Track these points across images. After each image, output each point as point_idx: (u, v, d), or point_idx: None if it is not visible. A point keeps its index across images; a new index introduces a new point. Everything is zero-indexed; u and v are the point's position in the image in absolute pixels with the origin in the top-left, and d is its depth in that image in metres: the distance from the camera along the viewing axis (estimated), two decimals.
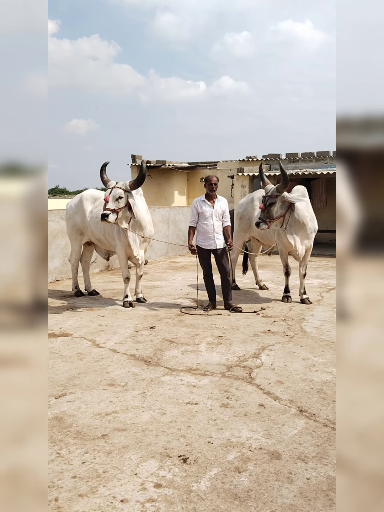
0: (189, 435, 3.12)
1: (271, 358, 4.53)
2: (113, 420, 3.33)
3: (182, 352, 4.74)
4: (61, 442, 3.02)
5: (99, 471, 2.71)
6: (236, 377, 4.09)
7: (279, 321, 5.88)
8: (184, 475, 2.67)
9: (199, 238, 6.45)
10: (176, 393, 3.77)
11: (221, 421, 3.31)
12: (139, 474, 2.68)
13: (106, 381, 3.99)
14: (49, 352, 4.72)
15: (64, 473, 2.68)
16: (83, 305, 6.77)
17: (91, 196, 7.21)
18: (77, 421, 3.30)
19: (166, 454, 2.88)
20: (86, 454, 2.89)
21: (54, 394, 3.74)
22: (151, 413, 3.43)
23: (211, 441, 3.04)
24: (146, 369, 4.26)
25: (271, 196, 6.31)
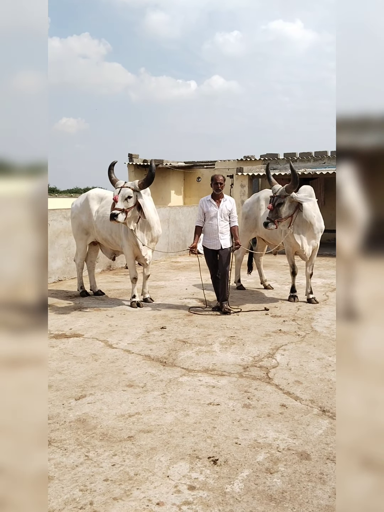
0: (215, 436, 3.11)
1: (286, 358, 4.53)
2: (137, 421, 3.31)
3: (197, 352, 4.72)
4: (88, 445, 3.00)
5: (131, 474, 2.69)
6: (254, 377, 4.09)
7: (288, 321, 5.88)
8: (216, 477, 2.66)
9: (205, 238, 6.41)
10: (197, 393, 3.76)
11: (245, 421, 3.30)
12: (171, 476, 2.66)
13: (125, 382, 3.97)
14: (63, 353, 4.69)
15: (95, 476, 2.66)
16: (90, 305, 6.73)
17: (97, 195, 7.16)
18: (101, 423, 3.28)
19: (195, 456, 2.87)
20: (115, 456, 2.87)
21: (74, 396, 3.71)
22: (174, 414, 3.41)
23: (238, 442, 3.03)
24: (163, 370, 4.25)
25: (280, 196, 6.28)
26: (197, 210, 6.50)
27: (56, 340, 5.09)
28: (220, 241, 6.26)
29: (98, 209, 6.99)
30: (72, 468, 2.74)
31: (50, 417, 3.36)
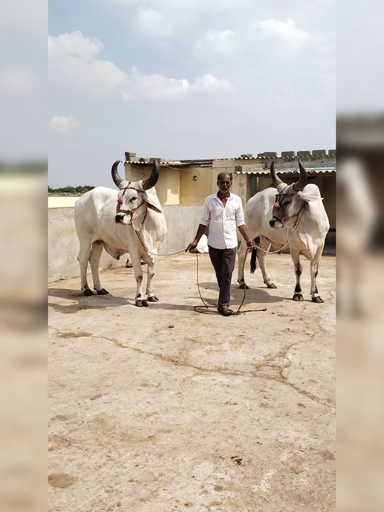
0: (236, 435, 3.09)
1: (298, 357, 4.52)
2: (156, 421, 3.28)
3: (207, 351, 4.70)
4: (109, 445, 2.97)
5: (155, 474, 2.66)
6: (267, 376, 4.07)
7: (296, 320, 5.88)
8: (242, 477, 2.64)
9: (210, 238, 6.32)
10: (212, 393, 3.74)
11: (264, 421, 3.29)
12: (197, 477, 2.64)
13: (139, 382, 3.94)
14: (73, 352, 4.65)
15: (119, 477, 2.63)
16: (95, 304, 6.69)
17: (102, 194, 7.12)
18: (120, 423, 3.25)
19: (218, 456, 2.85)
20: (137, 456, 2.84)
21: (89, 395, 3.68)
22: (192, 413, 3.39)
23: (259, 441, 3.02)
24: (176, 369, 4.22)
25: (287, 195, 6.25)
26: (202, 208, 6.46)
27: (65, 339, 5.05)
28: (225, 241, 6.14)
29: (102, 208, 6.94)
30: (96, 469, 2.70)
31: (67, 417, 3.32)
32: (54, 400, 3.59)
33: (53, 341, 4.98)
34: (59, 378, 4.00)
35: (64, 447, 2.93)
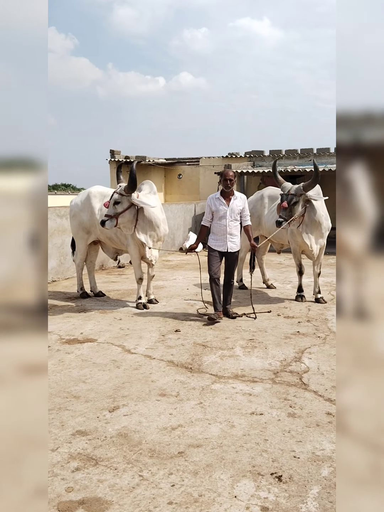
0: (270, 449, 2.94)
1: (315, 362, 4.40)
2: (183, 435, 3.11)
3: (220, 357, 4.55)
4: (138, 463, 2.79)
5: (194, 495, 2.50)
6: (288, 383, 3.94)
7: (303, 322, 5.76)
8: (286, 496, 2.50)
9: (211, 238, 5.93)
10: (235, 402, 3.58)
11: (296, 432, 3.15)
12: (239, 497, 2.48)
13: (156, 391, 3.76)
14: (81, 360, 4.44)
15: (157, 499, 2.46)
16: (93, 307, 6.46)
17: (100, 193, 6.88)
18: (145, 438, 3.07)
19: (257, 472, 2.70)
20: (171, 475, 2.67)
21: (107, 407, 3.48)
22: (219, 426, 3.23)
23: (296, 455, 2.88)
24: (192, 377, 4.05)
25: (295, 195, 6.11)
26: (205, 208, 6.24)
27: (70, 346, 4.83)
28: (227, 243, 5.81)
29: (101, 207, 6.71)
30: (130, 491, 2.52)
31: (89, 432, 3.13)
32: (71, 413, 3.39)
33: (58, 348, 4.76)
34: (71, 389, 3.80)
35: (91, 467, 2.74)
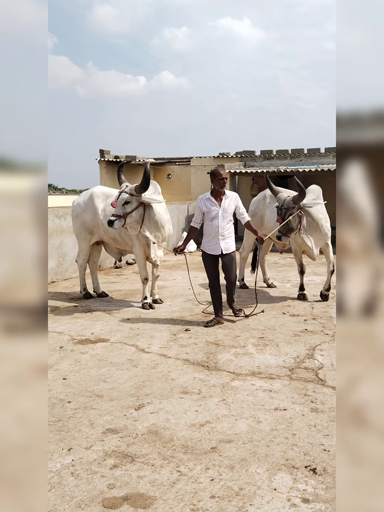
0: (300, 443, 3.01)
1: (328, 359, 4.49)
2: (212, 431, 3.16)
3: (234, 355, 4.61)
4: (174, 459, 2.83)
5: (235, 489, 2.55)
6: (305, 379, 4.02)
7: (309, 320, 5.86)
8: (324, 487, 2.56)
9: (204, 241, 5.69)
10: (257, 399, 3.65)
11: (321, 427, 3.22)
12: (279, 489, 2.55)
13: (177, 389, 3.80)
14: (97, 360, 4.46)
15: (199, 494, 2.51)
16: (99, 308, 6.47)
17: (103, 193, 6.89)
18: (176, 434, 3.11)
19: (291, 466, 2.76)
20: (209, 470, 2.72)
21: (132, 406, 3.52)
22: (246, 421, 3.29)
23: (325, 448, 2.95)
24: (210, 374, 4.11)
25: (288, 208, 6.15)
26: (195, 209, 5.96)
27: (83, 346, 4.84)
28: (220, 245, 5.56)
29: (104, 208, 6.72)
30: (171, 486, 2.57)
31: (119, 430, 3.16)
32: (98, 412, 3.42)
33: (72, 348, 4.77)
34: (93, 388, 3.82)
35: (128, 463, 2.78)
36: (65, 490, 2.54)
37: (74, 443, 3.00)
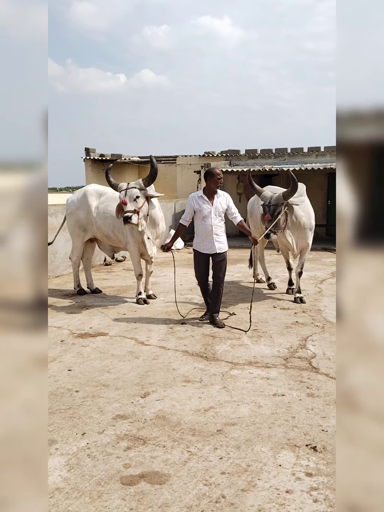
0: (299, 425, 3.21)
1: (319, 348, 4.71)
2: (216, 415, 3.35)
3: (231, 346, 4.80)
4: (183, 440, 3.01)
5: (243, 465, 2.74)
6: (300, 368, 4.23)
7: (299, 312, 6.08)
8: (325, 463, 2.77)
9: (196, 241, 5.61)
10: (256, 385, 3.84)
11: (318, 410, 3.43)
12: (284, 465, 2.74)
13: (180, 378, 3.98)
14: (99, 352, 4.61)
15: (210, 470, 2.69)
16: (94, 303, 6.61)
17: (96, 191, 7.02)
18: (183, 419, 3.29)
19: (293, 444, 2.96)
20: (217, 450, 2.90)
21: (138, 394, 3.68)
22: (247, 406, 3.48)
23: (324, 429, 3.16)
24: (209, 365, 4.29)
25: (277, 205, 6.05)
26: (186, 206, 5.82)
27: (83, 340, 4.98)
28: (215, 244, 5.50)
29: (97, 205, 6.85)
30: (183, 464, 2.74)
31: (128, 416, 3.32)
32: (106, 400, 3.57)
33: (72, 342, 4.91)
34: (98, 378, 3.97)
35: (141, 445, 2.94)
36: (84, 470, 2.69)
37: (87, 428, 3.16)
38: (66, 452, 2.87)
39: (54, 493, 2.49)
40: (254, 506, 2.39)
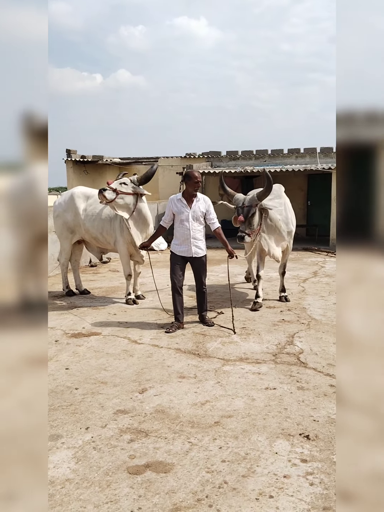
0: (292, 416, 3.39)
1: (306, 345, 4.91)
2: (212, 408, 3.51)
3: (221, 343, 4.97)
4: (184, 432, 3.16)
5: (242, 454, 2.90)
6: (288, 363, 4.42)
7: (285, 311, 6.29)
8: (318, 450, 2.95)
9: (174, 243, 5.58)
10: (248, 380, 4.01)
11: (309, 402, 3.62)
12: (280, 453, 2.91)
13: (175, 374, 4.12)
14: (93, 351, 4.73)
15: (211, 459, 2.85)
16: (84, 304, 6.71)
17: (83, 193, 7.12)
18: (181, 412, 3.44)
19: (287, 434, 3.14)
20: (216, 440, 3.06)
21: (135, 390, 3.82)
22: (241, 400, 3.65)
23: (315, 419, 3.34)
24: (202, 361, 4.45)
25: (251, 206, 5.94)
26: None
27: (77, 339, 5.09)
28: (192, 248, 5.45)
29: (85, 208, 6.95)
30: (185, 454, 2.90)
31: (128, 411, 3.46)
32: (105, 396, 3.70)
33: (67, 342, 5.01)
34: (96, 376, 4.10)
35: (143, 438, 3.09)
36: (91, 462, 2.82)
37: (90, 423, 3.28)
38: (72, 446, 3.00)
39: (65, 484, 2.62)
40: (255, 490, 2.55)
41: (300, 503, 2.45)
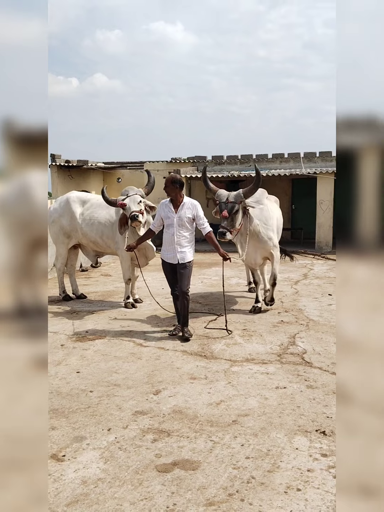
0: (305, 413, 3.51)
1: (308, 345, 5.04)
2: (229, 408, 3.60)
3: (226, 345, 5.07)
4: (204, 431, 3.24)
5: (264, 450, 3.00)
6: (294, 363, 4.54)
7: (282, 312, 6.43)
8: (335, 445, 3.07)
9: (162, 249, 5.47)
10: (258, 380, 4.12)
11: (320, 399, 3.74)
12: (300, 448, 3.02)
13: (186, 376, 4.21)
14: (101, 355, 4.78)
15: (235, 456, 2.94)
16: (83, 309, 6.73)
17: (79, 198, 7.16)
18: (198, 412, 3.53)
19: (304, 430, 3.26)
20: (237, 438, 3.16)
21: (150, 391, 3.89)
22: (255, 399, 3.75)
23: (328, 416, 3.47)
24: (210, 363, 4.54)
25: (236, 202, 5.74)
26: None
27: (83, 343, 5.13)
28: (177, 255, 5.27)
29: (82, 212, 6.99)
30: (209, 452, 2.98)
31: (146, 412, 3.53)
32: (121, 398, 3.76)
33: (73, 346, 5.05)
34: (108, 379, 4.15)
35: (166, 437, 3.16)
36: (119, 461, 2.89)
37: (111, 424, 3.34)
38: (98, 447, 3.06)
39: (98, 483, 2.68)
40: (283, 484, 2.65)
41: (327, 495, 2.56)
